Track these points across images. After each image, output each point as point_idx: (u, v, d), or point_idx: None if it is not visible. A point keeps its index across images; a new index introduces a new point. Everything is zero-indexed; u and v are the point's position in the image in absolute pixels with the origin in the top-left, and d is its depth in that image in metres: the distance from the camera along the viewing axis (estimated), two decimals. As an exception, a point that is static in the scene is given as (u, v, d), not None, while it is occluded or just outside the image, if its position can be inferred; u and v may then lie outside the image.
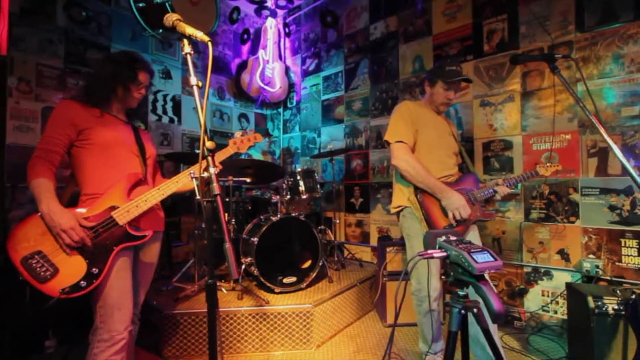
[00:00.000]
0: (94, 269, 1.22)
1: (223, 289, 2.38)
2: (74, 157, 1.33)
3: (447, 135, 1.82)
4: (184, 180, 1.51)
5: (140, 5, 2.41)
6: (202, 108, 0.81)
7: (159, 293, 2.31)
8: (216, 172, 0.80)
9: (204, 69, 3.69)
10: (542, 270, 2.29)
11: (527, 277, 2.35)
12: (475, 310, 0.79)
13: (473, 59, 2.62)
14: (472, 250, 0.76)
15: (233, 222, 2.58)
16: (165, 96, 3.30)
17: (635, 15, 2.01)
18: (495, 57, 2.52)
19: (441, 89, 1.74)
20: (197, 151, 3.21)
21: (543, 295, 2.28)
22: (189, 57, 0.87)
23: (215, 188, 0.79)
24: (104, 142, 1.35)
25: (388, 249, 2.50)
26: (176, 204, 3.28)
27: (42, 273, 1.14)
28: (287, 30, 4.07)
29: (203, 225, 2.76)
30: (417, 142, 1.74)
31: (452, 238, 0.86)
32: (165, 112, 3.30)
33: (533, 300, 2.32)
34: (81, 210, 1.26)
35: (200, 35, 0.88)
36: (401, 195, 1.76)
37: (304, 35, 4.05)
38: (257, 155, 3.45)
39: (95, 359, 1.23)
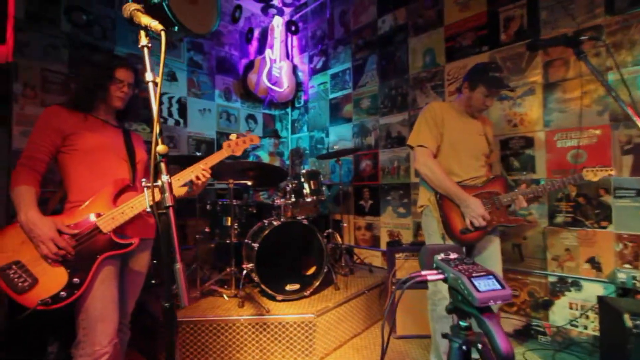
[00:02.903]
0: (75, 279, 1.16)
1: (225, 296, 2.30)
2: (60, 164, 1.29)
3: (475, 135, 1.71)
4: (174, 186, 1.44)
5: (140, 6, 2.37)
6: (156, 102, 0.71)
7: (159, 299, 2.26)
8: (169, 181, 0.70)
9: (210, 70, 3.65)
10: (570, 280, 2.07)
11: (553, 288, 2.13)
12: (480, 345, 0.65)
13: (488, 49, 2.42)
14: (474, 275, 0.61)
15: (236, 226, 2.51)
16: (170, 98, 3.28)
17: (677, -7, 1.77)
18: (513, 46, 2.31)
19: (481, 94, 1.63)
20: (198, 154, 3.16)
21: (571, 308, 2.06)
22: (145, 50, 0.78)
23: (168, 199, 0.68)
24: (89, 147, 1.30)
25: (397, 255, 2.35)
26: (180, 208, 3.24)
27: (20, 284, 1.09)
28: (292, 28, 3.96)
29: (207, 229, 2.70)
30: (441, 144, 1.67)
31: (452, 256, 0.72)
32: (170, 114, 3.28)
33: (559, 314, 2.10)
34: (64, 218, 1.20)
35: (154, 24, 0.79)
36: (424, 196, 1.73)
37: (311, 32, 3.94)
38: (265, 157, 3.37)
39: None
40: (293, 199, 2.55)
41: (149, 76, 0.75)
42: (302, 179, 2.60)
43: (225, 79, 3.80)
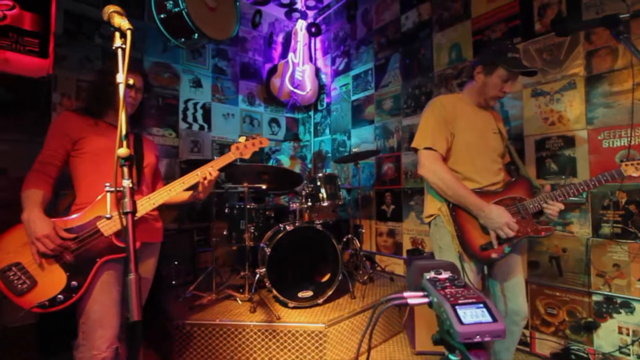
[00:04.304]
0: (73, 282, 1.17)
1: (238, 300, 2.30)
2: (71, 167, 1.34)
3: (490, 133, 1.49)
4: (178, 189, 1.44)
5: (162, 16, 2.47)
6: (122, 107, 0.69)
7: (177, 300, 2.31)
8: (130, 186, 0.67)
9: (234, 76, 3.72)
10: (619, 300, 1.79)
11: (598, 308, 1.86)
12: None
13: (521, 41, 2.20)
14: (461, 302, 0.51)
15: (252, 230, 2.50)
16: (195, 104, 3.38)
17: None
18: (549, 36, 2.07)
19: (499, 79, 1.39)
20: (214, 158, 3.22)
21: (621, 332, 1.78)
22: (119, 51, 0.76)
23: (127, 204, 0.65)
24: (95, 150, 1.33)
25: (417, 265, 2.19)
26: (207, 209, 3.32)
27: (19, 286, 1.10)
28: (313, 30, 3.93)
29: (225, 232, 2.73)
30: (453, 146, 1.45)
31: (443, 276, 0.61)
32: (195, 119, 3.38)
33: (606, 338, 1.82)
34: (67, 220, 1.23)
35: (123, 24, 0.77)
36: (432, 205, 1.50)
37: (334, 34, 3.88)
38: (285, 161, 3.36)
39: None
40: (309, 203, 2.50)
41: (119, 78, 0.73)
42: (319, 183, 2.53)
43: (248, 84, 3.86)
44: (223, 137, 3.57)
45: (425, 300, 0.58)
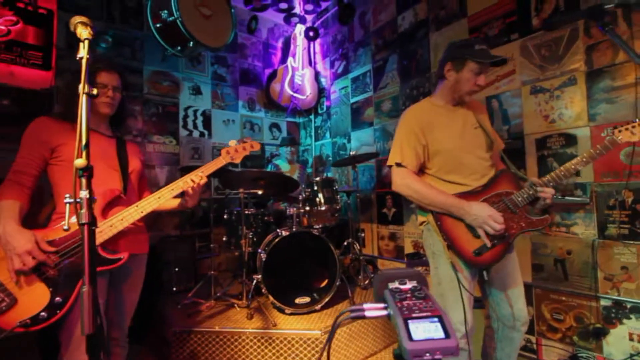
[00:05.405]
0: (57, 298, 1.10)
1: (237, 306, 2.28)
2: (49, 176, 1.26)
3: (470, 130, 1.43)
4: (167, 196, 1.42)
5: (158, 25, 2.51)
6: (84, 117, 0.68)
7: (176, 307, 2.31)
8: (87, 197, 0.66)
9: (234, 82, 3.75)
10: (628, 305, 1.70)
11: (607, 314, 1.77)
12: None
13: (519, 37, 2.14)
14: (415, 316, 0.48)
15: (250, 236, 2.49)
16: (195, 111, 3.42)
17: None
18: (548, 31, 2.00)
19: (471, 73, 1.34)
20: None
21: (631, 339, 1.69)
22: (83, 61, 0.76)
23: (83, 216, 0.65)
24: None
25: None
26: (208, 216, 3.33)
27: None
28: (311, 34, 3.92)
29: (224, 239, 2.73)
30: (432, 155, 1.42)
31: (407, 286, 0.58)
32: (195, 126, 3.41)
33: (616, 345, 1.73)
34: (48, 231, 1.17)
35: (84, 34, 0.77)
36: (421, 215, 1.48)
37: (332, 37, 3.87)
38: (284, 166, 3.35)
39: None
40: (307, 208, 2.48)
41: (81, 88, 0.72)
42: (316, 187, 2.51)
43: (248, 89, 3.88)
44: (223, 143, 3.58)
45: (384, 312, 0.55)
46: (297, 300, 2.15)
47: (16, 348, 1.95)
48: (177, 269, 2.80)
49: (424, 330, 0.46)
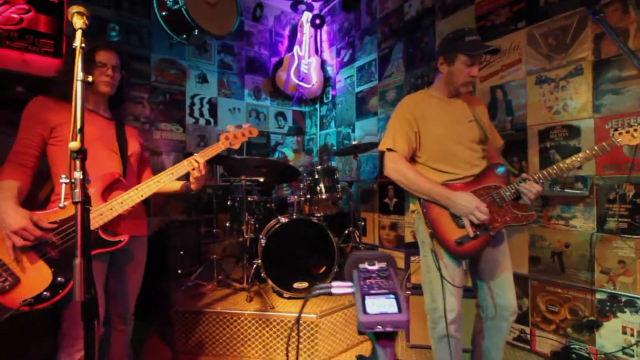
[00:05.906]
0: (59, 278, 1.12)
1: (237, 289, 2.36)
2: (48, 156, 1.26)
3: (464, 122, 1.44)
4: (166, 180, 1.45)
5: (164, 13, 2.53)
6: (79, 103, 0.72)
7: (180, 288, 2.41)
8: (81, 177, 0.71)
9: (240, 70, 3.77)
10: (623, 299, 1.70)
11: (602, 307, 1.77)
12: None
13: (526, 25, 2.08)
14: (372, 292, 0.51)
15: (252, 222, 2.56)
16: (202, 99, 3.47)
17: None
18: (555, 18, 1.95)
19: (463, 64, 1.36)
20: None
21: (624, 333, 1.69)
22: (78, 50, 0.80)
23: (77, 194, 0.69)
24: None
25: (412, 258, 2.17)
26: (212, 202, 3.41)
27: (0, 284, 1.05)
28: (317, 21, 3.89)
29: (227, 224, 2.81)
30: (423, 142, 1.44)
31: (373, 267, 0.61)
32: (202, 114, 3.47)
33: (609, 338, 1.74)
34: (49, 212, 1.18)
35: (78, 23, 0.80)
36: (413, 202, 1.51)
37: (339, 25, 3.83)
38: (290, 154, 3.39)
39: None
40: (308, 196, 2.52)
41: (79, 75, 0.76)
42: (317, 176, 2.54)
43: (254, 78, 3.90)
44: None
45: (349, 290, 0.58)
46: (295, 285, 2.21)
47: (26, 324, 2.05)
48: (182, 253, 2.90)
49: (379, 305, 0.49)
